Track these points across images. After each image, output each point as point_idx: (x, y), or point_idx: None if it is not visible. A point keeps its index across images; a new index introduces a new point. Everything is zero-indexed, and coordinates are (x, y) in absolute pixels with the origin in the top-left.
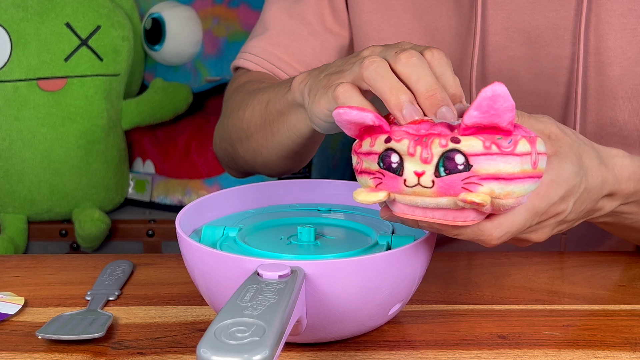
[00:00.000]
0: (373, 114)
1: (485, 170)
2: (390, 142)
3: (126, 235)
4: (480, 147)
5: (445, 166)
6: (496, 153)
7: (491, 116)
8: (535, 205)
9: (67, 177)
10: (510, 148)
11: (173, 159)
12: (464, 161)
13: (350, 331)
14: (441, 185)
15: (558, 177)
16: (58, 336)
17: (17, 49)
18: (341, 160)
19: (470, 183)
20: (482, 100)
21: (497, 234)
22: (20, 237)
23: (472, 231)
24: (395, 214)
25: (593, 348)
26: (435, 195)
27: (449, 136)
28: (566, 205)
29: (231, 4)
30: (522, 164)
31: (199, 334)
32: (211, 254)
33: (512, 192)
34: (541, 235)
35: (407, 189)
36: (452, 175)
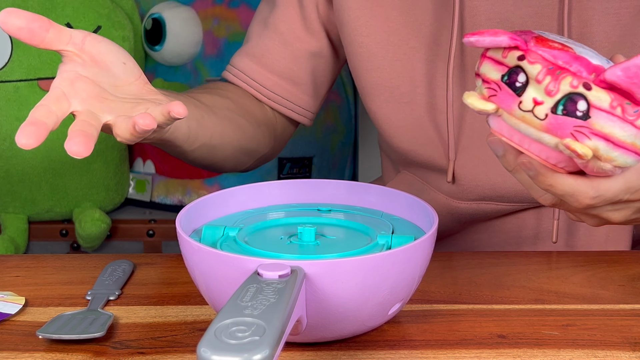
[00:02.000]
0: (507, 36)
1: (600, 127)
2: (523, 61)
3: (126, 235)
4: (607, 103)
5: (565, 106)
6: (618, 116)
7: (632, 83)
8: (632, 179)
9: (68, 177)
10: (633, 117)
11: (173, 159)
12: (586, 109)
13: (350, 331)
14: (552, 122)
15: None
16: (58, 336)
17: (17, 49)
18: (341, 160)
19: (580, 133)
20: (633, 67)
21: (592, 193)
22: (20, 237)
23: (569, 185)
24: (492, 130)
25: (593, 348)
26: (542, 129)
27: (583, 79)
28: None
29: (231, 4)
30: (635, 137)
31: (199, 333)
32: (211, 254)
33: (614, 159)
34: (621, 216)
35: (518, 112)
36: (567, 118)
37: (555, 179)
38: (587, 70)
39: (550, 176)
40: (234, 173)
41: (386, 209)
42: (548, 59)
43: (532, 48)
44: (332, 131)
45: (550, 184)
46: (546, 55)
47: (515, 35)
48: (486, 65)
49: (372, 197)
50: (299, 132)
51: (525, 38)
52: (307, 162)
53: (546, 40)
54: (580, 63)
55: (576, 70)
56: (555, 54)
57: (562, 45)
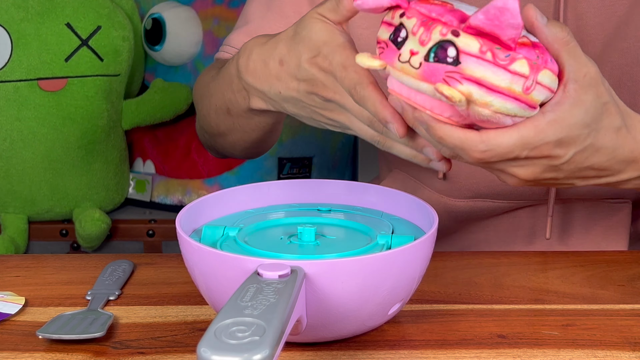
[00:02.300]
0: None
1: (471, 72)
2: (403, 18)
3: (126, 235)
4: (475, 48)
5: (436, 54)
6: (488, 60)
7: (494, 26)
8: (528, 135)
9: (68, 177)
10: (505, 62)
11: (173, 159)
12: (455, 55)
13: (350, 331)
14: (425, 69)
15: (562, 120)
16: (58, 336)
17: (17, 49)
18: (341, 160)
19: (451, 78)
20: (491, 8)
21: (482, 147)
22: (20, 237)
23: (458, 136)
24: (389, 89)
25: (592, 348)
26: (418, 78)
27: (451, 28)
28: (563, 152)
29: (231, 4)
30: (511, 82)
31: (199, 333)
32: (211, 254)
33: (490, 104)
34: (528, 173)
35: (398, 64)
36: (438, 64)
37: (444, 131)
38: (459, 20)
39: (439, 128)
40: (235, 171)
41: (386, 209)
42: (423, 13)
43: (412, 5)
44: (332, 131)
45: (440, 136)
46: (422, 10)
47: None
48: (382, 29)
49: (372, 197)
50: (299, 132)
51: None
52: (307, 162)
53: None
54: (452, 14)
55: (447, 20)
56: (430, 7)
57: (442, 2)
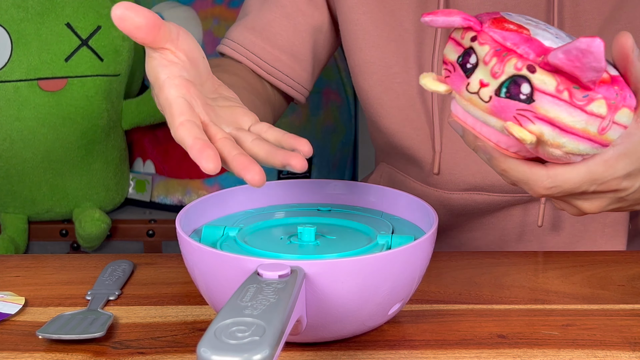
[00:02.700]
0: (460, 16)
1: (544, 111)
2: (475, 42)
3: (126, 235)
4: (552, 87)
5: (508, 89)
6: (564, 100)
7: (575, 67)
8: (598, 171)
9: (68, 177)
10: (583, 103)
11: (173, 159)
12: (529, 92)
13: (350, 331)
14: (496, 104)
15: (632, 153)
16: (58, 336)
17: (17, 49)
18: (341, 160)
19: (523, 116)
20: (574, 49)
21: (547, 183)
22: (20, 237)
23: (523, 171)
24: (452, 113)
25: (592, 348)
26: (487, 112)
27: (527, 62)
28: (631, 184)
29: (231, 4)
30: (587, 123)
31: (199, 333)
32: (211, 254)
33: (563, 145)
34: (594, 207)
35: (466, 94)
36: (510, 100)
37: (509, 164)
38: (536, 53)
39: (503, 161)
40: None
41: (386, 209)
42: (497, 40)
43: (485, 29)
44: (332, 131)
45: (503, 169)
46: (496, 37)
47: (469, 16)
48: (448, 46)
49: (372, 197)
50: (299, 132)
51: (482, 19)
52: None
53: (504, 21)
54: (529, 45)
55: (523, 52)
56: (505, 35)
57: (518, 27)
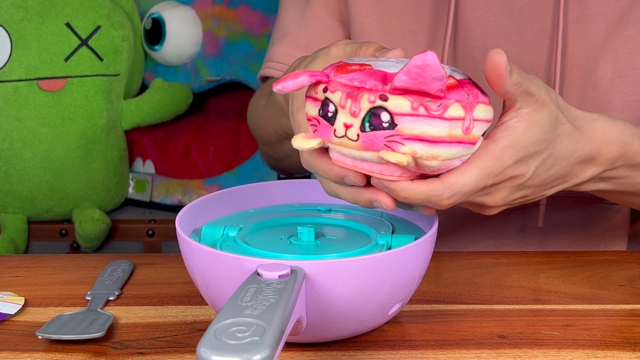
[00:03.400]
0: (306, 75)
1: (409, 131)
2: (327, 92)
3: (126, 235)
4: (407, 107)
5: (370, 122)
6: (422, 115)
7: (419, 83)
8: (487, 166)
9: (67, 177)
10: (439, 112)
11: (173, 159)
12: (389, 119)
13: (350, 331)
14: (365, 140)
15: (516, 143)
16: (58, 336)
17: (17, 49)
18: None
19: (393, 142)
20: (412, 67)
21: (448, 193)
22: (20, 237)
23: (422, 191)
24: (333, 161)
25: (593, 348)
26: (359, 149)
27: (378, 92)
28: (524, 169)
29: (231, 4)
30: (450, 128)
31: (199, 333)
32: (211, 254)
33: (437, 155)
34: (497, 199)
35: (336, 139)
36: (376, 132)
37: (408, 190)
38: (383, 82)
39: (400, 189)
40: (235, 171)
41: None
42: (345, 84)
43: (332, 78)
44: None
45: (405, 197)
46: (343, 81)
47: (314, 72)
48: (308, 104)
49: None
50: None
51: (327, 71)
52: None
53: (345, 65)
54: (375, 77)
55: (372, 86)
56: (351, 76)
57: (360, 65)
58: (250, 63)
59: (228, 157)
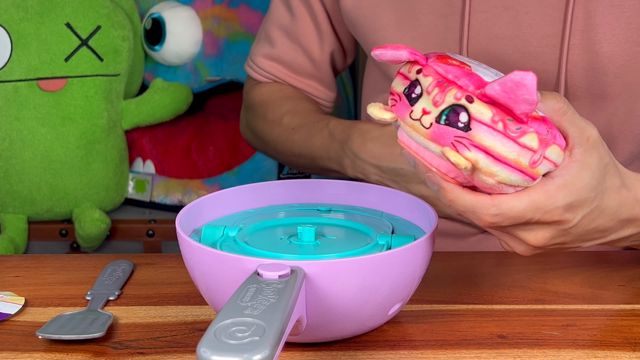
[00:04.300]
0: (407, 51)
1: (480, 140)
2: (419, 75)
3: (126, 235)
4: (488, 117)
5: (448, 117)
6: (499, 131)
7: (509, 99)
8: (540, 200)
9: (67, 177)
10: (516, 134)
11: (173, 159)
12: (467, 121)
13: (350, 331)
14: (435, 131)
15: (571, 184)
16: (58, 336)
17: (17, 49)
18: None
19: (460, 143)
20: (508, 81)
21: (493, 211)
22: (20, 237)
23: (469, 200)
24: (398, 139)
25: (593, 348)
26: (427, 137)
27: (466, 93)
28: (572, 216)
29: (231, 4)
30: (519, 154)
31: (199, 333)
32: (211, 254)
33: (496, 174)
34: (538, 238)
35: (409, 120)
36: (449, 128)
37: (455, 194)
38: (475, 86)
39: (450, 190)
40: (235, 171)
41: (386, 209)
42: (440, 73)
43: (429, 63)
44: None
45: (450, 199)
46: (439, 70)
47: (415, 51)
48: (397, 80)
49: (372, 197)
50: None
51: (428, 55)
52: None
53: (447, 57)
54: (469, 78)
55: (463, 84)
56: (448, 69)
57: (461, 63)
58: None
59: (228, 157)
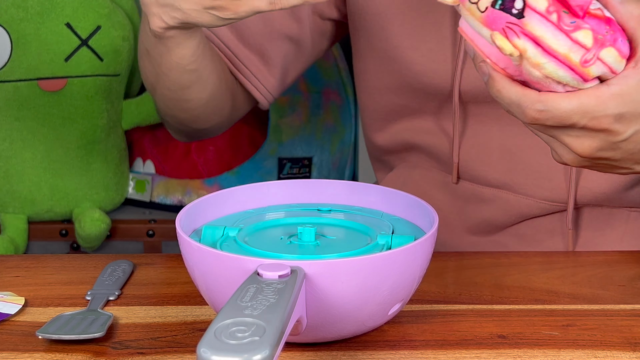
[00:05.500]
0: None
1: (531, 28)
2: None
3: (126, 235)
4: (543, 7)
5: (503, 1)
6: (552, 22)
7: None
8: (590, 103)
9: (67, 177)
10: (569, 28)
11: (173, 159)
12: (521, 8)
13: (350, 331)
14: (489, 15)
15: (627, 94)
16: (58, 336)
17: (17, 49)
18: (341, 160)
19: (511, 29)
20: None
21: (539, 106)
22: (20, 237)
23: (516, 92)
24: (459, 27)
25: (593, 348)
26: (481, 21)
27: None
28: (623, 128)
29: None
30: (570, 49)
31: (199, 333)
32: (211, 254)
33: (543, 66)
34: (585, 147)
35: (468, 4)
36: (503, 13)
37: (504, 84)
38: None
39: (499, 80)
40: (235, 171)
41: (386, 209)
42: None
43: None
44: (332, 131)
45: (498, 89)
46: None
47: None
48: None
49: (372, 197)
50: (299, 132)
51: None
52: (307, 162)
53: None
54: None
55: None
56: None
57: None
58: None
59: (228, 157)
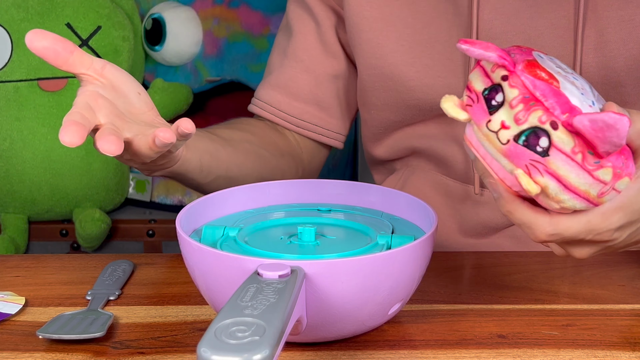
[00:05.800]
0: (496, 54)
1: (556, 167)
2: (505, 82)
3: (126, 235)
4: (569, 147)
5: (527, 138)
6: (577, 162)
7: (596, 137)
8: (596, 222)
9: (68, 177)
10: (593, 168)
11: None
12: (547, 146)
13: (350, 331)
14: (511, 149)
15: (628, 206)
16: (59, 336)
17: (17, 49)
18: (341, 160)
19: (534, 167)
20: (600, 121)
21: (550, 230)
22: (20, 237)
23: (528, 215)
24: (465, 137)
25: (592, 348)
26: (501, 152)
27: (552, 117)
28: (620, 235)
29: (231, 4)
30: (590, 186)
31: (199, 333)
32: (211, 254)
33: (562, 201)
34: (583, 253)
35: (485, 129)
36: (527, 150)
37: (515, 206)
38: (562, 109)
39: (510, 202)
40: None
41: (386, 209)
42: (527, 87)
43: (517, 71)
44: None
45: (509, 210)
46: (527, 83)
47: (505, 54)
48: (475, 73)
49: (372, 197)
50: None
51: (516, 59)
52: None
53: (537, 66)
54: (557, 100)
55: (550, 106)
56: (536, 84)
57: (550, 76)
58: (250, 63)
59: None
